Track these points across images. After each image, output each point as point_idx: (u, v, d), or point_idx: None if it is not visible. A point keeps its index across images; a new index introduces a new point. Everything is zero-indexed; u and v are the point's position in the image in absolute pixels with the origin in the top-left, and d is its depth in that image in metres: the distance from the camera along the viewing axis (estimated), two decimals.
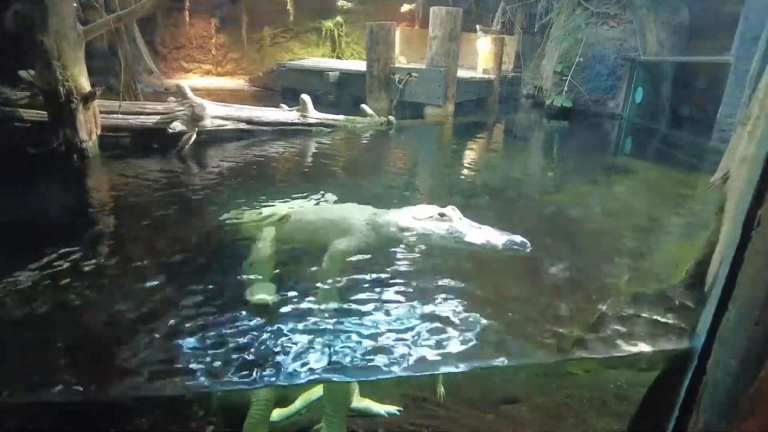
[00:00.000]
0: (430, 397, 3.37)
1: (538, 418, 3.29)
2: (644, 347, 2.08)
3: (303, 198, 4.03)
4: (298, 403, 3.30)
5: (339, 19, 14.82)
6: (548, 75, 11.14)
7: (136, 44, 7.04)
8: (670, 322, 2.17)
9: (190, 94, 5.89)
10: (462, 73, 9.91)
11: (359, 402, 3.25)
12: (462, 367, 2.02)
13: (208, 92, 10.99)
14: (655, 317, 2.23)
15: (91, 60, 5.21)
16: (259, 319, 2.31)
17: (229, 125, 6.21)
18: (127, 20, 5.64)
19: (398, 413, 3.28)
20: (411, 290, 2.62)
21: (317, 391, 3.30)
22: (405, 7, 14.62)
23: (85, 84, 4.78)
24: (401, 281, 2.71)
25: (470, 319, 2.34)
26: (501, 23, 12.65)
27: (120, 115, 5.41)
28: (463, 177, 5.63)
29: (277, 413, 3.16)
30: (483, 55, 11.37)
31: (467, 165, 6.49)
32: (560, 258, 3.16)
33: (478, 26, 11.57)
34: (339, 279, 2.75)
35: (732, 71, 6.42)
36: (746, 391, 1.56)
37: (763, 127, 1.68)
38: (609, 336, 2.17)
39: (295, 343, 2.13)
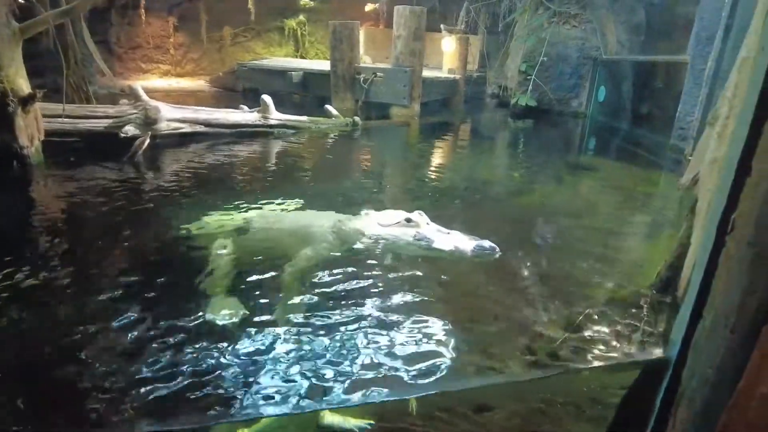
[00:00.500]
0: (401, 408, 3.26)
1: (515, 425, 3.22)
2: (618, 357, 2.01)
3: (265, 205, 3.85)
4: None
5: (302, 18, 14.59)
6: (513, 74, 11.23)
7: (85, 43, 6.66)
8: (644, 328, 2.11)
9: (143, 95, 5.60)
10: (427, 73, 9.87)
11: (330, 418, 3.12)
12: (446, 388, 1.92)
13: (167, 93, 10.63)
14: (629, 323, 2.18)
15: (37, 60, 4.86)
16: (220, 341, 2.15)
17: (186, 128, 5.93)
18: (71, 16, 5.28)
19: (369, 427, 3.16)
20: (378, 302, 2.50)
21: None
22: (369, 6, 14.52)
23: (23, 85, 4.44)
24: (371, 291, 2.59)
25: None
26: (465, 23, 12.68)
27: (67, 119, 5.06)
28: (430, 179, 5.55)
29: None
30: (448, 55, 11.38)
31: (434, 166, 6.42)
32: (530, 263, 3.11)
33: (442, 26, 11.56)
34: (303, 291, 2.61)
35: (689, 70, 6.55)
36: (725, 403, 1.50)
37: (733, 129, 1.62)
38: (582, 347, 2.10)
39: (261, 369, 1.98)
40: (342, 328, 2.29)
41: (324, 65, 10.44)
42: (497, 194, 5.01)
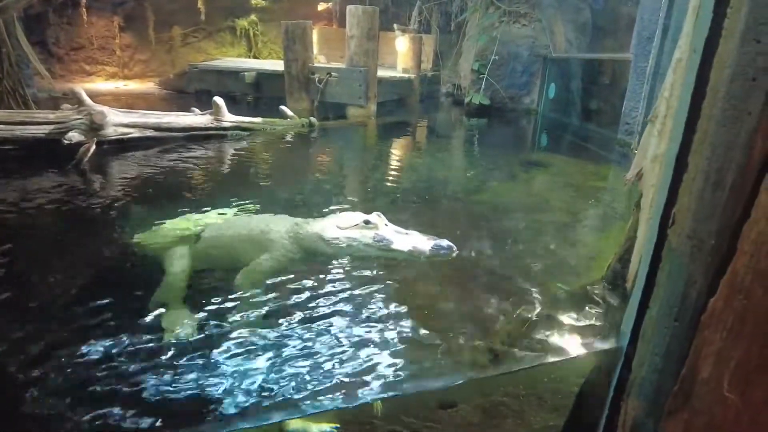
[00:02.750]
0: (366, 410, 3.26)
1: (480, 420, 3.27)
2: (573, 350, 2.08)
3: (219, 210, 3.75)
4: None
5: (254, 17, 14.33)
6: (466, 73, 11.41)
7: (20, 43, 6.29)
8: (596, 322, 2.19)
9: (87, 100, 5.34)
10: (382, 73, 9.89)
11: (294, 424, 3.08)
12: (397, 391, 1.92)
13: (114, 97, 10.20)
14: (581, 316, 2.25)
15: None
16: (176, 354, 2.08)
17: (135, 133, 5.71)
18: (5, 16, 4.97)
19: (335, 431, 3.14)
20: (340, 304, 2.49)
21: None
22: (321, 6, 14.43)
23: None
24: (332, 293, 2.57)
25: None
26: (418, 22, 12.79)
27: (2, 126, 4.76)
28: (388, 179, 5.56)
29: None
30: (402, 54, 11.44)
31: (392, 166, 6.44)
32: (486, 260, 3.17)
33: (395, 25, 11.62)
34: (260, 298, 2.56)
35: (632, 68, 6.84)
36: (671, 389, 1.57)
37: (671, 127, 1.70)
38: (538, 341, 2.16)
39: (220, 381, 1.93)
40: (300, 335, 2.25)
41: (278, 65, 10.29)
42: (453, 192, 5.08)
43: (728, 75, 1.25)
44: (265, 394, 1.89)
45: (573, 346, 2.10)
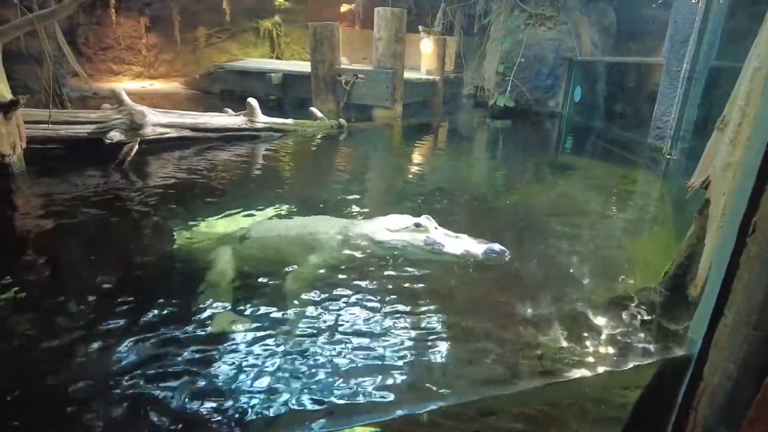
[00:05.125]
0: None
1: (521, 428, 3.27)
2: (637, 360, 2.08)
3: (259, 210, 3.81)
4: None
5: (277, 18, 14.44)
6: (490, 75, 11.39)
7: (58, 45, 6.43)
8: (657, 326, 2.19)
9: (127, 100, 5.45)
10: (407, 75, 9.92)
11: None
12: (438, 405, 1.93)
13: (140, 96, 10.33)
14: (638, 322, 2.25)
15: (5, 62, 4.63)
16: (225, 354, 2.12)
17: (172, 133, 5.81)
18: (56, 18, 5.09)
19: None
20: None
21: None
22: (344, 7, 14.49)
23: (5, 91, 4.27)
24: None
25: None
26: (442, 24, 12.79)
27: (49, 126, 4.88)
28: (418, 180, 5.60)
29: None
30: (426, 56, 11.45)
31: (420, 167, 6.48)
32: (530, 265, 3.17)
33: (420, 27, 11.62)
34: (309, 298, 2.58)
35: (664, 72, 6.78)
36: (749, 397, 1.57)
37: (750, 136, 1.70)
38: (600, 351, 2.16)
39: (268, 384, 1.95)
40: (347, 340, 2.26)
41: (303, 66, 10.36)
42: (484, 195, 5.08)
43: None
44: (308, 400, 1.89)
45: (631, 353, 2.10)
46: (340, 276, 2.83)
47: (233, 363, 2.06)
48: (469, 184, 5.51)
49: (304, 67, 10.01)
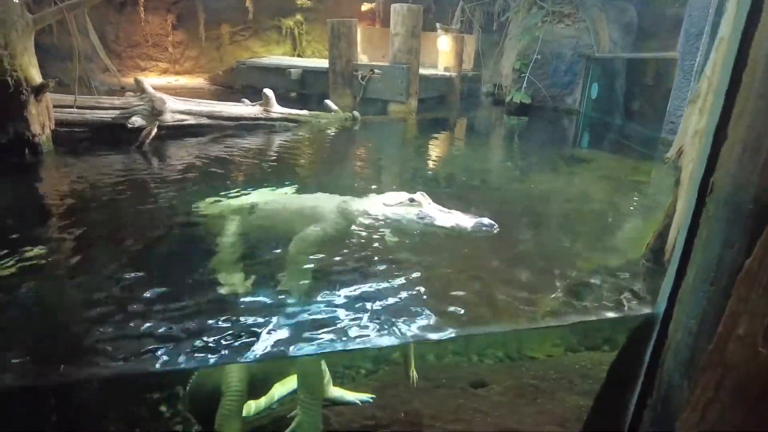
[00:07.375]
0: (402, 382, 3.40)
1: (509, 399, 3.37)
2: (611, 314, 2.17)
3: (272, 189, 3.99)
4: (272, 396, 3.27)
5: (299, 17, 14.70)
6: (507, 72, 11.41)
7: (89, 38, 6.76)
8: (632, 290, 2.27)
9: (149, 88, 5.73)
10: (424, 71, 10.02)
11: (333, 391, 3.26)
12: (444, 335, 2.07)
13: (167, 91, 10.67)
14: (621, 285, 2.33)
15: (38, 52, 4.95)
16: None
17: (190, 120, 6.06)
18: (84, 8, 5.41)
19: (371, 400, 3.30)
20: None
21: (291, 383, 3.28)
22: (365, 6, 14.66)
23: (35, 75, 4.57)
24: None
25: None
26: (460, 22, 12.86)
27: (75, 110, 5.19)
28: (428, 168, 5.70)
29: (252, 406, 3.12)
30: (444, 54, 11.53)
31: (432, 157, 6.58)
32: (526, 239, 3.27)
33: (438, 24, 11.72)
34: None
35: (678, 67, 6.74)
36: (705, 348, 1.64)
37: (711, 101, 1.78)
38: (579, 305, 2.25)
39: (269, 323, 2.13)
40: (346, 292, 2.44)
41: (321, 63, 10.57)
42: (494, 181, 5.17)
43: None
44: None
45: (610, 312, 2.19)
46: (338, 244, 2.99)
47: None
48: (480, 172, 5.59)
49: (323, 63, 10.21)
